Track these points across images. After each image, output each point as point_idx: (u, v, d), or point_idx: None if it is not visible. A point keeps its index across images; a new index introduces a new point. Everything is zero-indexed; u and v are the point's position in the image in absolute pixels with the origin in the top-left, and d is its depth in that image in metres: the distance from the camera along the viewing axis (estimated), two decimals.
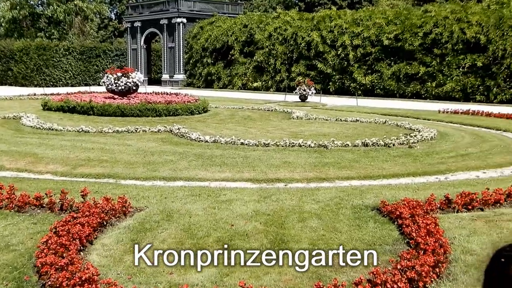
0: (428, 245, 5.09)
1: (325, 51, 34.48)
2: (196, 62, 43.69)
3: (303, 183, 8.72)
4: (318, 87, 31.91)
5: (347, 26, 33.84)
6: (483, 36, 28.07)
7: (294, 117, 18.55)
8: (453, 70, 29.15)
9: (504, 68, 27.33)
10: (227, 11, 48.41)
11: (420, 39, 30.31)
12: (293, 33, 36.66)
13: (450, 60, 29.22)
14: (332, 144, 11.73)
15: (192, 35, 44.45)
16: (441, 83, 29.51)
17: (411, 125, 15.47)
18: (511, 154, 11.35)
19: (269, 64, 37.97)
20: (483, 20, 28.42)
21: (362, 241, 5.73)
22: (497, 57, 27.55)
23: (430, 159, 10.66)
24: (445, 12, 30.25)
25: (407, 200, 6.81)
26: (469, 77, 28.63)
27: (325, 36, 34.65)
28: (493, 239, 5.77)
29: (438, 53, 29.72)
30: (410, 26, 30.97)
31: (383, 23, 32.35)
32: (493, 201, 7.12)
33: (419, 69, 30.25)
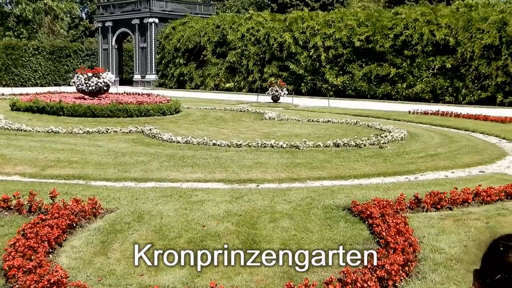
0: (397, 244, 5.15)
1: (298, 52, 34.65)
2: (168, 63, 43.46)
3: (275, 184, 8.74)
4: (291, 88, 32.06)
5: (319, 28, 34.06)
6: (452, 38, 28.55)
7: (266, 117, 18.59)
8: (423, 72, 29.57)
9: (472, 69, 27.82)
10: (200, 12, 48.28)
11: (390, 40, 30.68)
12: (265, 34, 36.74)
13: (420, 62, 29.64)
14: (304, 144, 11.79)
15: (164, 36, 44.20)
16: (411, 84, 29.92)
17: (382, 126, 15.64)
18: (479, 154, 11.56)
19: (241, 65, 37.99)
20: (452, 23, 28.90)
21: (333, 241, 5.76)
22: (466, 59, 28.04)
23: (400, 159, 10.79)
24: (415, 14, 30.67)
25: (377, 200, 6.88)
26: (438, 78, 29.08)
27: (298, 37, 34.82)
28: (461, 238, 5.88)
29: (409, 55, 30.12)
30: (381, 28, 31.33)
31: (355, 25, 32.65)
32: (461, 200, 7.25)
33: (390, 70, 30.61)
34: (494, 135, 14.98)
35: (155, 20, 44.75)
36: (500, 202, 7.42)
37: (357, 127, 16.36)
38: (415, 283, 4.67)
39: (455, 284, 4.67)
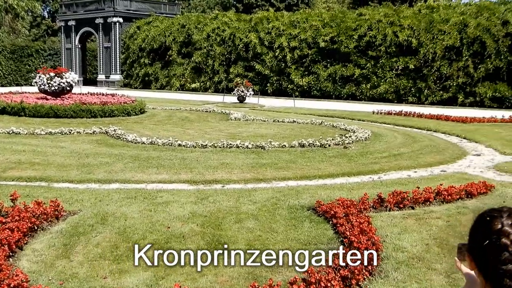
0: (361, 244, 5.21)
1: (263, 53, 34.74)
2: (133, 63, 43.02)
3: (240, 184, 8.74)
4: (256, 88, 32.13)
5: (284, 28, 34.22)
6: (414, 40, 29.05)
7: (232, 118, 18.59)
8: (386, 72, 30.01)
9: (434, 70, 28.37)
10: (165, 11, 47.93)
11: (355, 41, 31.03)
12: (231, 34, 36.72)
13: (384, 63, 30.07)
14: (270, 145, 11.83)
15: (129, 35, 43.75)
16: (375, 85, 30.33)
17: (347, 126, 15.81)
18: (441, 154, 11.80)
19: (207, 65, 37.89)
20: (415, 24, 29.41)
21: (298, 241, 5.80)
22: (428, 59, 28.57)
23: (364, 159, 10.93)
24: (378, 15, 31.10)
25: (341, 199, 6.95)
26: (401, 79, 29.55)
27: (263, 38, 34.92)
28: (423, 236, 5.99)
29: (373, 56, 30.52)
30: (346, 29, 31.66)
31: (319, 26, 32.92)
32: (423, 199, 7.38)
33: (354, 71, 30.96)
34: (455, 135, 15.30)
35: (119, 19, 44.27)
36: (461, 201, 7.59)
37: (322, 127, 16.50)
38: (378, 282, 4.73)
39: (416, 282, 4.75)
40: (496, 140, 13.90)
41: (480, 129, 16.37)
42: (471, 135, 14.90)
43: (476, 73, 27.31)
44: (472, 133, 15.32)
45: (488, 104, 26.72)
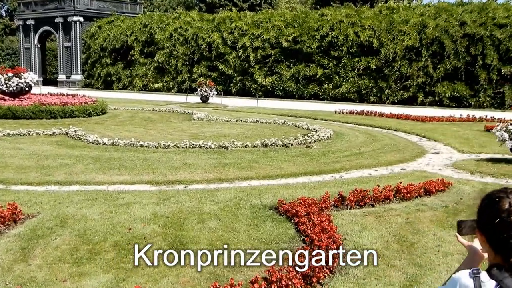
0: (322, 242, 5.27)
1: (226, 53, 34.72)
2: (94, 62, 42.41)
3: (203, 184, 8.72)
4: (220, 88, 32.08)
5: (247, 28, 34.26)
6: (375, 40, 29.47)
7: (195, 118, 18.53)
8: (348, 72, 30.35)
9: (395, 70, 28.84)
10: (126, 11, 47.42)
11: (317, 41, 31.29)
12: (194, 34, 36.57)
13: (346, 63, 30.40)
14: (232, 145, 11.84)
15: (89, 35, 43.11)
16: (338, 84, 30.64)
17: (309, 126, 15.94)
18: (401, 153, 12.00)
19: (170, 65, 37.64)
20: (376, 25, 29.84)
21: (260, 240, 5.83)
22: (389, 59, 29.02)
23: (326, 158, 11.04)
24: (340, 16, 31.44)
25: (303, 198, 7.01)
26: (363, 79, 29.95)
27: (226, 38, 34.89)
28: (383, 234, 6.09)
29: (335, 56, 30.82)
30: (308, 29, 31.90)
31: (282, 26, 33.07)
32: (383, 197, 7.50)
33: (317, 71, 31.21)
34: (415, 133, 15.59)
35: (79, 18, 43.59)
36: (420, 198, 7.74)
37: (285, 127, 16.59)
38: (338, 279, 4.79)
39: (376, 279, 4.83)
40: (454, 139, 14.23)
41: (439, 128, 16.72)
42: (431, 134, 15.20)
43: (435, 73, 27.87)
44: (431, 132, 15.64)
45: (447, 103, 27.30)
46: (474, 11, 27.99)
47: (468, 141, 13.82)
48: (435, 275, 4.94)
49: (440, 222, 6.57)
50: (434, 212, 7.02)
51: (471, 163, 10.88)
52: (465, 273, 1.84)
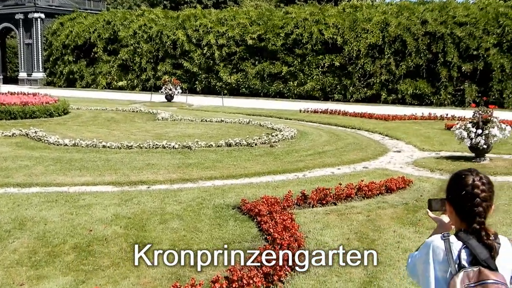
0: (284, 240, 5.31)
1: (191, 50, 34.55)
2: (56, 60, 41.64)
3: (166, 185, 8.68)
4: (185, 86, 31.89)
5: (212, 26, 34.16)
6: (339, 37, 29.74)
7: (159, 118, 18.40)
8: (313, 70, 30.56)
9: (359, 68, 29.16)
10: (89, 7, 46.69)
11: (282, 39, 31.40)
12: (158, 32, 36.27)
13: (311, 60, 30.60)
14: (196, 145, 11.81)
15: (51, 32, 42.30)
16: (302, 82, 30.82)
17: (273, 125, 16.01)
18: (363, 151, 12.16)
19: (134, 63, 37.25)
20: (339, 23, 30.12)
21: (222, 240, 5.84)
22: (352, 57, 29.33)
23: (290, 157, 11.11)
24: (304, 14, 31.62)
25: (266, 197, 7.05)
26: (327, 76, 30.19)
27: (191, 35, 34.72)
28: (344, 231, 6.17)
29: (299, 53, 30.98)
30: (273, 26, 31.99)
31: (247, 23, 33.09)
32: (345, 195, 7.60)
33: (282, 68, 31.33)
34: (378, 132, 15.80)
35: (41, 15, 42.73)
36: (381, 196, 7.87)
37: (249, 126, 16.62)
38: (300, 277, 4.84)
39: (336, 276, 4.90)
40: (415, 137, 14.48)
41: (401, 127, 16.99)
42: (393, 132, 15.44)
43: (398, 71, 28.29)
44: (393, 130, 15.88)
45: (409, 101, 27.73)
46: (435, 9, 28.50)
47: (429, 140, 14.08)
48: (394, 271, 5.04)
49: (400, 219, 6.70)
50: (395, 209, 7.15)
51: (432, 161, 11.10)
52: (437, 237, 2.19)
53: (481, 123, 10.54)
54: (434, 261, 2.14)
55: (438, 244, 2.14)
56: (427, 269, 2.16)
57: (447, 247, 2.12)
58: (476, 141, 10.51)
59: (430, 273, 2.14)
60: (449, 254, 2.10)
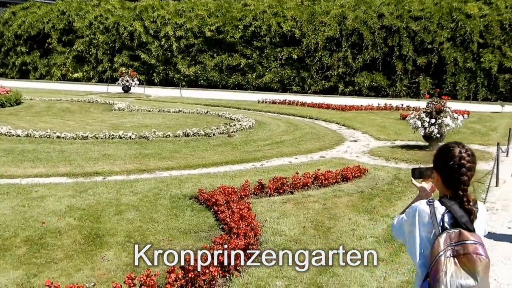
0: (240, 229, 5.29)
1: (149, 42, 34.13)
2: (8, 51, 40.41)
3: (122, 176, 8.55)
4: (142, 78, 31.54)
5: (170, 17, 33.82)
6: (297, 30, 29.87)
7: (116, 108, 18.12)
8: (271, 62, 30.62)
9: (317, 60, 29.37)
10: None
11: (240, 31, 31.34)
12: (115, 23, 35.67)
13: (269, 53, 30.64)
14: (154, 135, 11.68)
15: (3, 21, 41.02)
16: (261, 74, 30.86)
17: (232, 115, 15.97)
18: (321, 141, 12.26)
19: (90, 54, 36.54)
20: (298, 15, 30.25)
21: (179, 230, 5.79)
22: (310, 50, 29.52)
23: (248, 147, 11.11)
24: (263, 6, 31.62)
25: (223, 187, 7.02)
26: (286, 69, 30.31)
27: (148, 27, 34.28)
28: (300, 220, 6.20)
29: (258, 46, 30.99)
30: (231, 19, 31.88)
31: (205, 15, 32.88)
32: (302, 184, 7.64)
33: (240, 61, 31.29)
34: (335, 122, 15.96)
35: None
36: (337, 184, 7.95)
37: (207, 116, 16.54)
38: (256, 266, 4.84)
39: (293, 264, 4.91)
40: (371, 127, 14.69)
41: (358, 117, 17.20)
42: (350, 122, 15.62)
43: (355, 63, 28.63)
44: (350, 120, 16.06)
45: (365, 93, 28.13)
46: (391, 3, 28.93)
47: (385, 129, 14.30)
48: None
49: (356, 207, 6.78)
50: (350, 198, 7.23)
51: (387, 150, 11.28)
52: (423, 202, 2.43)
53: (434, 112, 10.76)
54: (420, 223, 2.39)
55: (423, 208, 2.39)
56: (413, 230, 2.41)
57: (432, 211, 2.36)
58: (430, 130, 10.74)
59: (416, 233, 2.40)
60: (433, 218, 2.35)
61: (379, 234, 5.76)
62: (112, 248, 5.23)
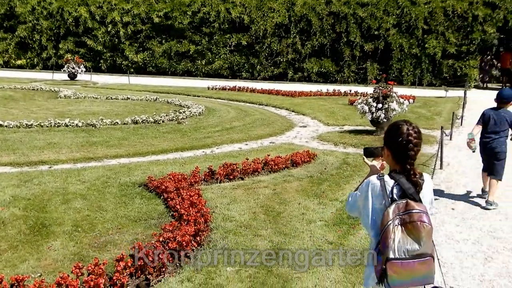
0: (190, 216, 5.27)
1: (95, 28, 33.31)
2: None
3: (69, 164, 8.37)
4: (89, 65, 30.85)
5: (116, 2, 33.06)
6: (246, 17, 29.78)
7: (62, 96, 17.67)
8: (221, 49, 30.45)
9: (266, 47, 29.39)
10: None
11: (189, 17, 30.99)
12: (59, 8, 34.61)
13: (218, 39, 30.46)
14: (101, 122, 11.47)
15: None
16: (210, 61, 30.68)
17: (181, 102, 15.84)
18: (270, 127, 12.32)
19: (34, 41, 35.37)
20: (246, 1, 30.12)
21: (128, 218, 5.71)
22: (259, 36, 29.49)
23: (198, 133, 11.06)
24: None
25: (173, 174, 6.97)
26: (235, 55, 30.21)
27: (94, 12, 33.43)
28: (251, 205, 6.23)
29: (207, 32, 30.74)
30: (179, 4, 31.46)
31: (153, 1, 32.32)
32: (252, 170, 7.67)
33: (189, 47, 30.98)
34: (284, 108, 16.06)
35: None
36: (287, 169, 8.02)
37: (156, 103, 16.34)
38: (206, 251, 4.84)
39: (243, 249, 4.94)
40: (320, 112, 14.85)
41: (307, 103, 17.35)
42: (299, 108, 15.74)
43: (304, 50, 28.80)
44: (300, 106, 16.19)
45: (314, 79, 28.38)
46: None
47: (334, 114, 14.49)
48: (299, 241, 5.15)
49: (305, 191, 6.86)
50: (300, 183, 7.30)
51: (336, 135, 11.43)
52: (374, 177, 2.70)
53: (381, 97, 10.97)
54: (372, 196, 2.64)
55: (375, 182, 2.65)
56: (367, 203, 2.66)
57: (382, 185, 2.63)
58: (377, 115, 10.94)
59: (369, 205, 2.65)
60: (383, 190, 2.61)
61: (328, 217, 5.85)
62: (59, 237, 5.13)
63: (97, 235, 5.20)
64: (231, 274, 4.41)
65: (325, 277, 4.37)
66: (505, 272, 4.61)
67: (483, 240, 5.38)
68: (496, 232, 5.63)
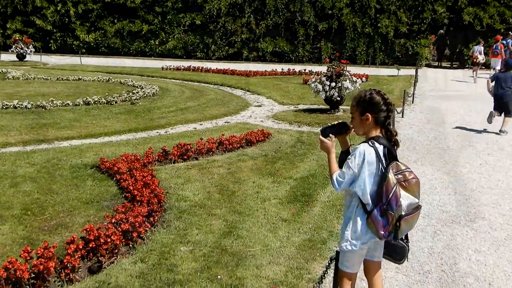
0: (143, 197, 5.22)
1: (44, 7, 32.35)
2: None
3: (18, 147, 8.14)
4: (39, 45, 29.99)
5: None
6: None
7: (10, 77, 17.14)
8: (174, 28, 30.08)
9: (220, 26, 29.18)
10: None
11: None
12: None
13: (171, 19, 30.05)
14: (52, 104, 11.19)
15: None
16: (164, 41, 30.28)
17: (135, 82, 15.60)
18: (225, 106, 12.27)
19: None
20: None
21: (79, 200, 5.61)
22: (213, 15, 29.23)
23: (152, 114, 10.92)
24: None
25: (125, 155, 6.87)
26: (189, 35, 29.90)
27: None
28: (205, 185, 6.20)
29: (160, 11, 30.29)
30: None
31: None
32: (206, 149, 7.63)
33: (142, 27, 30.49)
34: (239, 88, 16.01)
35: None
36: (241, 149, 8.01)
37: (109, 84, 16.04)
38: (160, 232, 4.80)
39: (197, 228, 4.92)
40: (275, 91, 14.87)
41: (262, 82, 17.35)
42: (254, 87, 15.72)
43: (258, 29, 28.73)
44: (255, 85, 16.17)
45: (269, 58, 28.40)
46: None
47: (288, 94, 14.54)
48: (253, 220, 5.16)
49: (260, 170, 6.87)
50: (254, 161, 7.31)
51: (290, 114, 11.48)
52: (366, 145, 2.83)
53: (334, 76, 11.05)
54: (368, 162, 2.79)
55: (369, 151, 2.80)
56: (363, 170, 2.80)
57: (376, 151, 2.81)
58: (331, 93, 11.03)
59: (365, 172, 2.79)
60: (378, 156, 2.81)
61: (282, 195, 5.89)
62: (7, 221, 4.99)
63: (48, 218, 5.09)
64: (185, 253, 4.39)
65: (279, 254, 4.40)
66: (453, 245, 4.74)
67: (432, 214, 5.52)
68: (445, 206, 5.78)
